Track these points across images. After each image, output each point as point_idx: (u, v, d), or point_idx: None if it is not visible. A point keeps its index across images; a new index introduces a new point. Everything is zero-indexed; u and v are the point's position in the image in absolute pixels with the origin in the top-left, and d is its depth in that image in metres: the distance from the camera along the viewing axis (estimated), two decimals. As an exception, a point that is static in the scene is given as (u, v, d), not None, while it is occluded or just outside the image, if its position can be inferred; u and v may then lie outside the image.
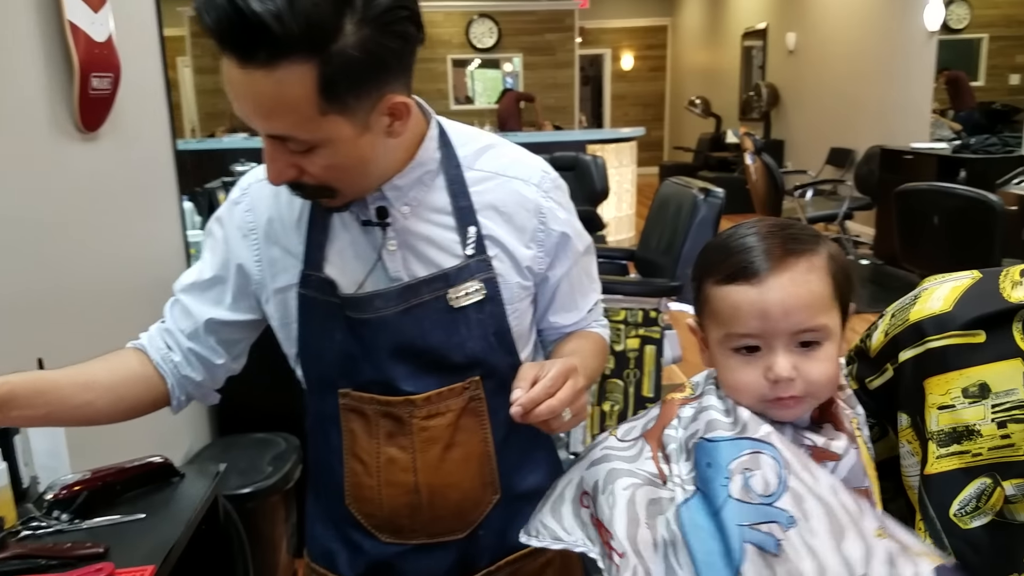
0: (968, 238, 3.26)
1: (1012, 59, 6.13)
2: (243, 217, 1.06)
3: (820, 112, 8.66)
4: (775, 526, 0.71)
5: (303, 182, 0.93)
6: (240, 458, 2.21)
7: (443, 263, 1.02)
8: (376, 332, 1.01)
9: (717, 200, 2.48)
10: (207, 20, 0.78)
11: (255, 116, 0.85)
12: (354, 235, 1.03)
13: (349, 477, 1.07)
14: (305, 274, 1.03)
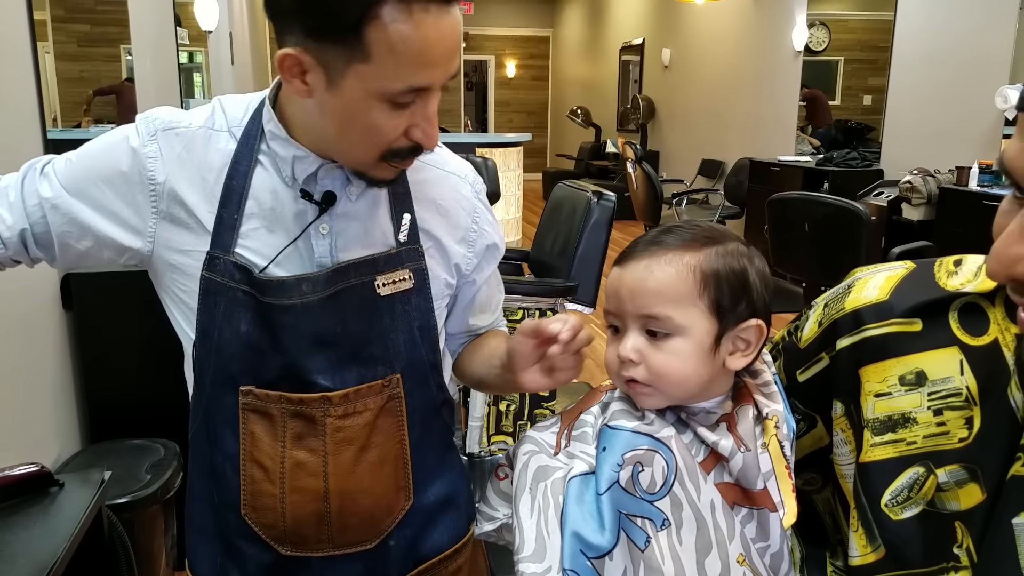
0: (836, 244, 3.47)
1: (865, 81, 6.56)
2: (143, 162, 0.94)
3: (693, 125, 9.03)
4: (649, 523, 0.74)
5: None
6: (115, 466, 2.06)
7: (373, 249, 0.97)
8: (296, 320, 0.93)
9: (609, 203, 2.53)
10: None
11: (452, 56, 0.85)
12: (283, 208, 0.94)
13: (247, 485, 0.98)
14: (212, 256, 0.93)
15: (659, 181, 6.22)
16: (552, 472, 0.81)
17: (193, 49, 6.26)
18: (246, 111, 0.96)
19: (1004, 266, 0.56)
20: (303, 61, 0.83)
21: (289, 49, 0.82)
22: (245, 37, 8.46)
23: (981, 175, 4.46)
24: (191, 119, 0.96)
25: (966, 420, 0.67)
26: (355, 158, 0.91)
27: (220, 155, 0.94)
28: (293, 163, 0.93)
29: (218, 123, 0.96)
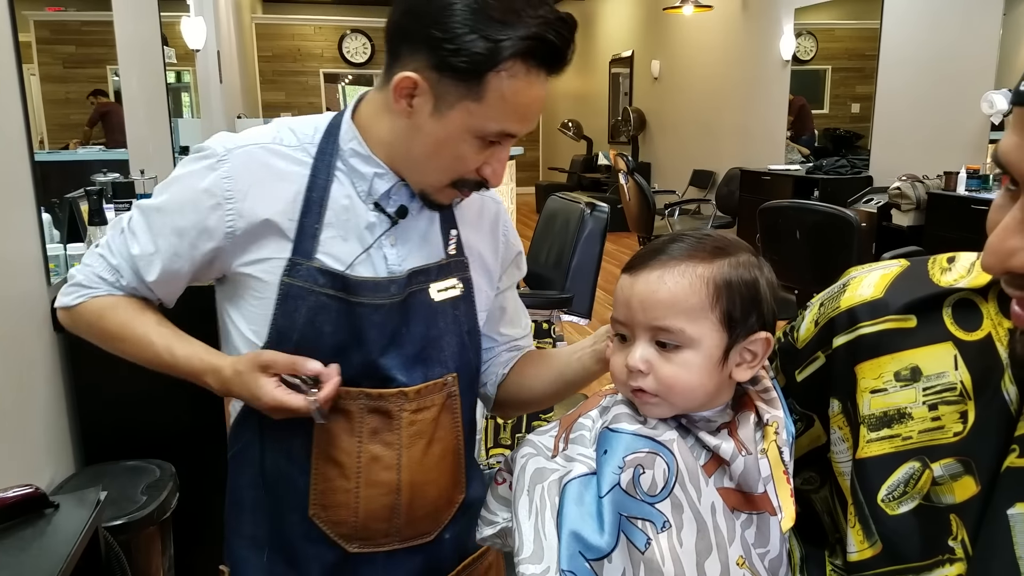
0: (828, 251, 3.49)
1: (853, 89, 6.60)
2: (218, 183, 1.00)
3: (683, 136, 9.07)
4: (649, 525, 0.74)
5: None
6: (111, 487, 2.03)
7: (428, 260, 1.06)
8: (383, 319, 1.01)
9: (603, 215, 2.54)
10: (554, 40, 0.92)
11: (537, 116, 0.99)
12: (356, 219, 1.03)
13: (319, 483, 1.04)
14: (293, 262, 1.00)
15: (651, 192, 6.24)
16: (549, 474, 0.81)
17: (181, 68, 6.27)
18: (315, 130, 1.04)
19: (999, 260, 0.56)
20: (418, 85, 0.94)
21: (409, 73, 0.93)
22: (233, 56, 8.49)
23: (969, 180, 4.50)
24: (258, 137, 1.03)
25: (960, 414, 0.68)
26: (429, 180, 1.01)
27: (297, 169, 1.02)
28: (372, 180, 1.03)
29: (287, 140, 1.03)
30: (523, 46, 0.90)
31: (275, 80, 11.23)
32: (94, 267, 1.06)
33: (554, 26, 0.91)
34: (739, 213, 7.02)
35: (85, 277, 1.06)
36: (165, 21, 4.42)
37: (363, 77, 11.53)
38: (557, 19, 0.92)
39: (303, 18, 11.30)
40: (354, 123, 1.04)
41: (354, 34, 11.25)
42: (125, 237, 1.05)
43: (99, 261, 1.06)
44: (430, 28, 0.91)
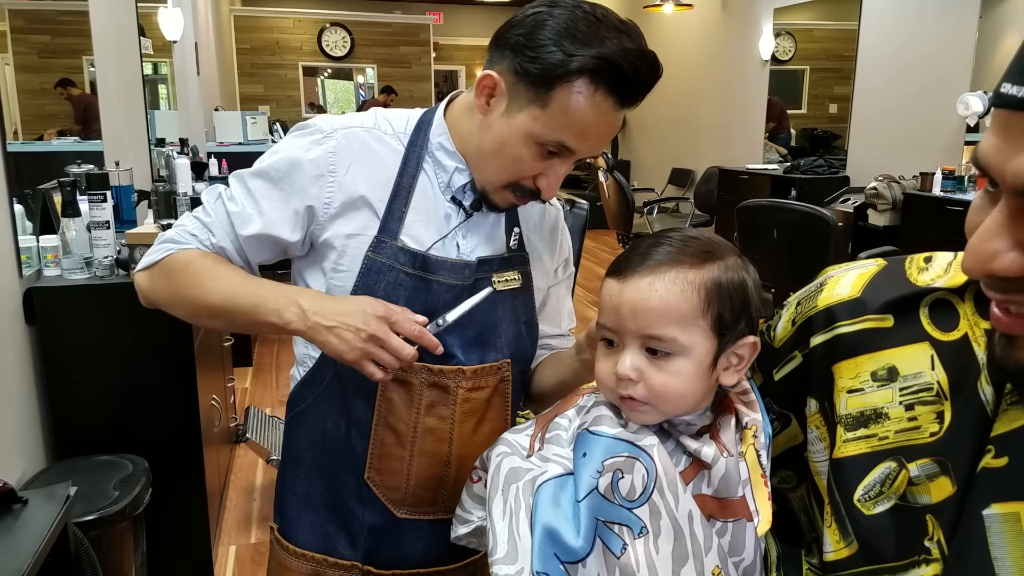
0: (805, 250, 3.52)
1: (831, 89, 6.66)
2: (324, 157, 1.07)
3: (663, 135, 9.11)
4: (626, 530, 0.74)
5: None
6: (83, 482, 2.01)
7: (493, 251, 1.14)
8: (454, 298, 1.07)
9: (582, 211, 2.53)
10: (625, 68, 0.95)
11: (603, 143, 1.03)
12: (436, 208, 1.11)
13: (376, 448, 1.11)
14: (379, 240, 1.07)
15: (631, 190, 6.26)
16: (524, 474, 0.80)
17: (158, 60, 6.20)
18: (407, 122, 1.13)
19: (980, 262, 0.56)
20: (497, 85, 1.02)
21: (493, 72, 1.02)
22: (211, 48, 8.40)
23: (944, 181, 4.55)
24: (361, 121, 1.11)
25: (937, 414, 0.68)
26: (488, 177, 1.07)
27: (391, 155, 1.10)
28: (453, 173, 1.11)
29: (384, 127, 1.11)
30: (592, 64, 0.94)
31: (253, 73, 11.13)
32: (187, 226, 1.10)
33: (631, 55, 0.95)
34: (717, 212, 7.06)
35: (176, 234, 1.10)
36: (142, 12, 4.36)
37: (342, 71, 11.46)
38: (637, 50, 0.96)
39: (282, 11, 11.21)
40: (447, 120, 1.12)
41: (334, 27, 11.17)
42: (222, 200, 1.10)
43: (192, 221, 1.11)
44: (520, 36, 0.99)
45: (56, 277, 2.27)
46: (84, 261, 2.29)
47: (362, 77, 11.40)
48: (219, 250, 1.10)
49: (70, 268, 2.26)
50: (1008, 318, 0.57)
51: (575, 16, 0.97)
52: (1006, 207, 0.54)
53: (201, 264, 1.07)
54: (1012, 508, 0.61)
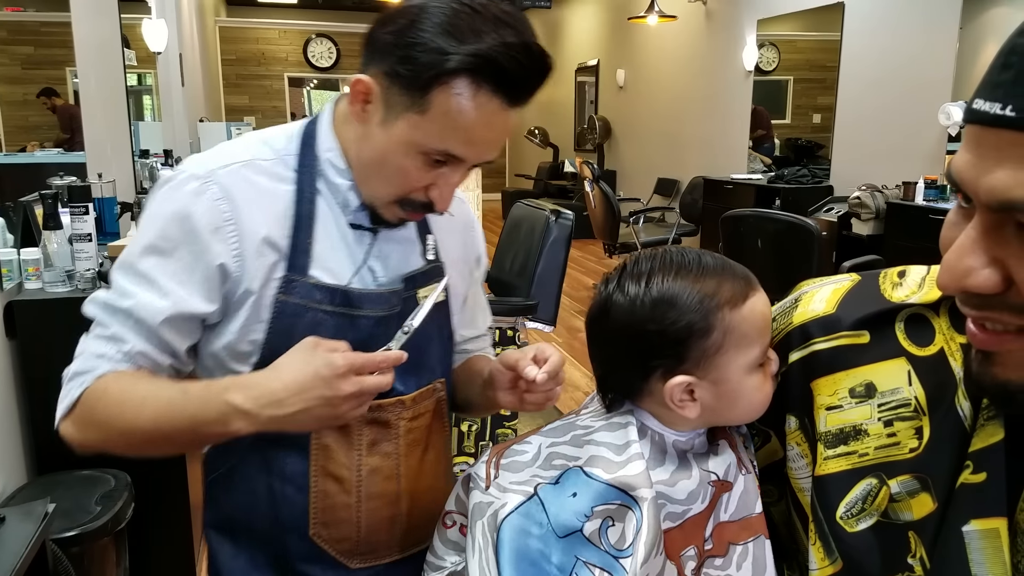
0: (789, 259, 3.54)
1: (814, 99, 6.70)
2: (213, 206, 0.93)
3: (648, 145, 9.14)
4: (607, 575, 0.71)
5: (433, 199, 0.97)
6: (64, 498, 1.99)
7: (411, 267, 1.05)
8: (385, 330, 0.98)
9: (567, 222, 2.54)
10: (506, 65, 0.86)
11: (494, 148, 0.94)
12: (339, 236, 1.00)
13: (318, 501, 1.00)
14: (288, 279, 0.96)
15: (616, 200, 6.28)
16: (486, 508, 0.77)
17: (142, 71, 6.18)
18: (288, 139, 1.01)
19: (955, 279, 0.55)
20: (372, 91, 0.91)
21: (365, 76, 0.91)
22: (196, 59, 8.38)
23: (927, 190, 4.59)
24: (234, 155, 0.97)
25: (916, 430, 0.68)
26: (374, 192, 0.97)
27: (280, 183, 0.98)
28: (346, 193, 0.99)
29: (262, 154, 0.99)
30: (470, 63, 0.85)
31: (239, 84, 11.11)
32: (89, 350, 0.95)
33: (513, 51, 0.86)
34: (702, 221, 7.09)
35: (81, 365, 0.95)
36: (126, 23, 4.34)
37: (328, 81, 11.46)
38: (521, 44, 0.86)
39: (267, 22, 11.20)
40: (334, 130, 1.01)
41: (319, 38, 11.18)
42: (113, 303, 0.94)
43: (93, 342, 0.95)
44: (390, 34, 0.89)
45: (37, 290, 2.25)
46: (66, 274, 2.27)
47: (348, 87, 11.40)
48: (137, 358, 0.94)
49: (52, 281, 2.24)
50: (984, 334, 0.57)
51: (449, 10, 0.86)
52: (980, 223, 0.54)
53: (118, 389, 0.92)
54: (991, 524, 0.61)
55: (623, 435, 0.77)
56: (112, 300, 0.94)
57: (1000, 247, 0.53)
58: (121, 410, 0.90)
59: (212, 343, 0.98)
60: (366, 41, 0.93)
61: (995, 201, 0.51)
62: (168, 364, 0.97)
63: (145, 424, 0.90)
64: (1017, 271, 0.53)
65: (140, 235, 0.95)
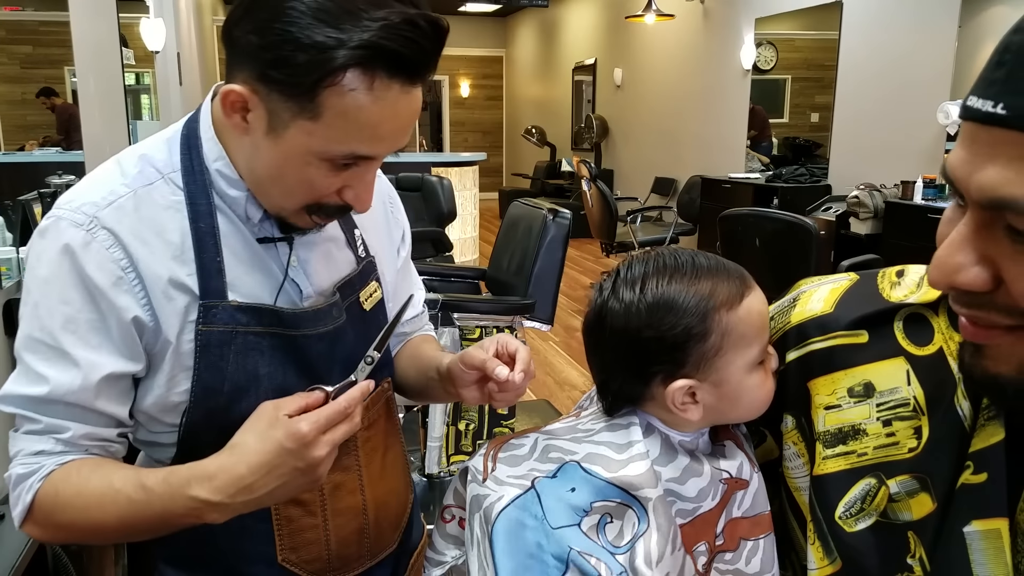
0: (787, 258, 3.53)
1: (812, 98, 6.70)
2: (107, 256, 0.82)
3: (645, 144, 9.14)
4: (604, 567, 0.71)
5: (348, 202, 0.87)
6: (62, 497, 1.99)
7: (342, 270, 0.97)
8: (329, 347, 0.92)
9: (565, 220, 2.54)
10: (397, 47, 0.76)
11: (405, 134, 0.83)
12: (249, 254, 0.90)
13: (283, 527, 0.95)
14: (206, 306, 0.85)
15: (614, 199, 6.28)
16: (483, 500, 0.77)
17: (140, 70, 6.17)
18: (169, 151, 0.89)
19: (944, 275, 0.56)
20: (248, 100, 0.80)
21: (236, 86, 0.79)
22: (194, 57, 8.37)
23: (925, 189, 4.59)
24: (113, 190, 0.85)
25: (915, 430, 0.68)
26: (278, 204, 0.87)
27: (170, 207, 0.86)
28: (245, 204, 0.89)
29: (146, 176, 0.87)
30: (357, 56, 0.74)
31: (237, 83, 11.08)
32: (23, 449, 0.84)
33: (399, 30, 0.75)
34: (700, 220, 7.09)
35: (21, 468, 0.84)
36: (124, 22, 4.34)
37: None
38: (404, 21, 0.75)
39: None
40: (217, 136, 0.88)
41: (318, 38, 11.17)
42: (28, 390, 0.83)
43: (24, 440, 0.84)
44: (251, 33, 0.77)
45: (35, 289, 2.24)
46: (64, 273, 2.26)
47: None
48: (80, 442, 0.84)
49: (50, 280, 2.24)
50: (974, 328, 0.58)
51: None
52: (971, 220, 0.54)
53: (71, 491, 0.82)
54: (992, 525, 0.61)
55: (625, 435, 0.77)
56: (27, 391, 0.83)
57: (990, 245, 0.54)
58: (82, 512, 0.83)
59: (139, 401, 0.88)
60: (225, 42, 0.81)
61: (985, 198, 0.52)
62: (115, 435, 0.88)
63: (112, 523, 0.82)
64: (1006, 270, 0.53)
65: (34, 305, 0.83)
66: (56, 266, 0.82)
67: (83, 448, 0.85)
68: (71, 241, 0.82)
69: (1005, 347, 0.57)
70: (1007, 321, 0.55)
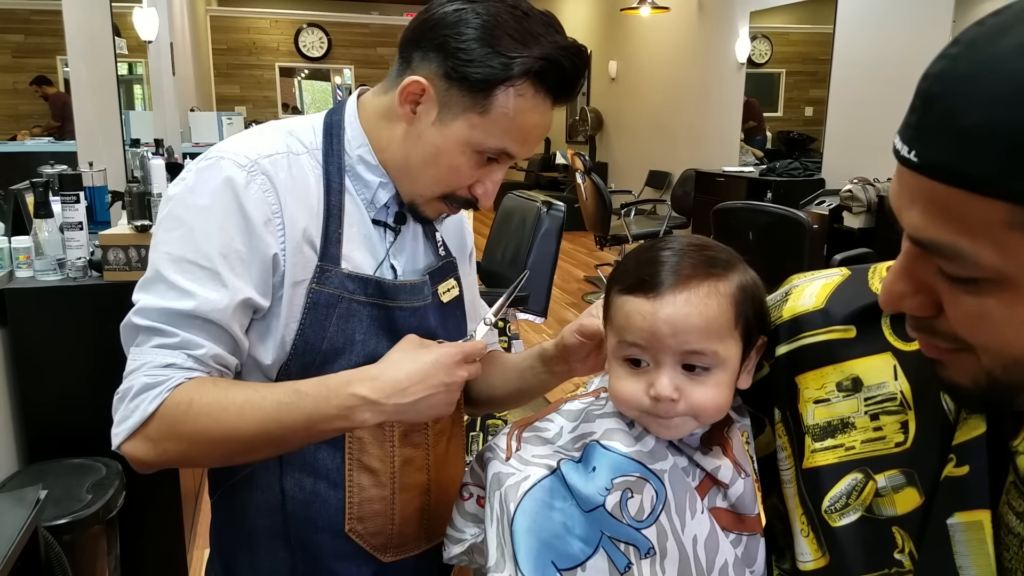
0: (780, 252, 3.55)
1: (807, 92, 6.71)
2: (262, 198, 0.92)
3: (640, 137, 9.14)
4: (632, 549, 0.73)
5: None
6: (55, 486, 1.99)
7: (427, 263, 1.07)
8: (419, 321, 1.01)
9: (559, 213, 2.55)
10: (567, 67, 0.92)
11: (539, 142, 0.98)
12: (362, 233, 1.00)
13: (354, 495, 1.00)
14: (322, 268, 0.95)
15: (608, 192, 6.28)
16: (505, 479, 0.79)
17: (133, 60, 6.14)
18: (314, 133, 1.01)
19: (889, 302, 0.58)
20: (426, 91, 0.93)
21: (419, 77, 0.92)
22: (187, 48, 8.33)
23: (917, 184, 4.60)
24: (274, 146, 0.96)
25: (901, 424, 0.68)
26: (420, 189, 0.99)
27: (312, 176, 0.97)
28: (376, 190, 1.01)
29: (295, 148, 0.98)
30: (537, 66, 0.90)
31: (230, 73, 11.05)
32: (150, 362, 0.88)
33: (569, 53, 0.92)
34: (694, 214, 7.10)
35: (146, 378, 0.87)
36: (117, 11, 4.32)
37: (319, 71, 11.41)
38: (573, 47, 0.93)
39: (259, 11, 11.14)
40: (361, 126, 1.01)
41: (310, 28, 11.12)
42: (172, 304, 0.88)
43: (151, 353, 0.88)
44: (446, 36, 0.91)
45: (28, 278, 2.24)
46: (57, 262, 2.26)
47: (339, 78, 11.36)
48: (211, 362, 0.90)
49: (43, 269, 2.24)
50: (926, 346, 0.60)
51: (500, 11, 0.91)
52: (909, 251, 0.55)
53: (207, 398, 0.87)
54: (975, 516, 0.61)
55: None
56: (170, 304, 0.88)
57: (928, 276, 0.55)
58: (216, 419, 0.86)
59: (250, 346, 0.95)
60: (413, 41, 0.95)
61: (912, 237, 0.53)
62: (235, 365, 0.94)
63: (249, 429, 0.86)
64: (944, 301, 0.54)
65: (190, 229, 0.90)
66: (218, 197, 0.91)
67: (210, 369, 0.90)
68: (234, 176, 0.91)
69: (956, 364, 0.58)
70: (949, 345, 0.57)
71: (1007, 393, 0.56)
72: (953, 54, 0.49)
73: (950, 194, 0.48)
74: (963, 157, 0.47)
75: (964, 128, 0.47)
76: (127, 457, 0.89)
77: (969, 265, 0.50)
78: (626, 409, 0.77)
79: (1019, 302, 0.50)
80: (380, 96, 1.00)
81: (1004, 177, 0.46)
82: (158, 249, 0.91)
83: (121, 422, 0.87)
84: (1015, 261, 0.48)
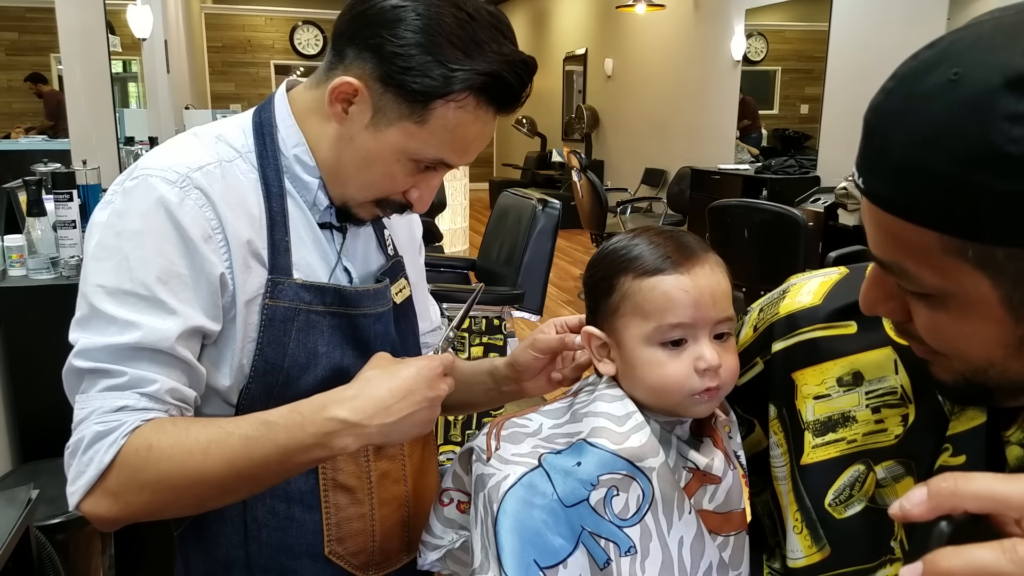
0: (775, 250, 3.55)
1: (802, 90, 6.71)
2: (199, 214, 0.84)
3: (636, 134, 9.14)
4: (613, 546, 0.72)
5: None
6: (48, 486, 1.97)
7: (377, 264, 1.03)
8: (384, 327, 0.97)
9: (554, 211, 2.54)
10: (512, 82, 0.86)
11: (477, 152, 0.93)
12: (311, 237, 0.95)
13: (331, 515, 0.95)
14: (273, 281, 0.88)
15: (604, 190, 6.28)
16: (488, 480, 0.78)
17: (127, 58, 6.12)
18: (244, 134, 0.94)
19: (867, 306, 0.61)
20: (359, 93, 0.86)
21: (351, 78, 0.86)
22: (181, 45, 8.31)
23: (912, 181, 4.60)
24: (203, 156, 0.89)
25: (902, 417, 0.69)
26: (351, 193, 0.94)
27: (249, 182, 0.91)
28: (316, 190, 0.94)
29: (225, 154, 0.91)
30: (479, 81, 0.84)
31: (225, 71, 11.03)
32: (99, 407, 0.80)
33: (515, 67, 0.86)
34: (689, 211, 7.10)
35: (98, 426, 0.79)
36: (110, 9, 4.30)
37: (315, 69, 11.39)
38: (520, 61, 0.87)
39: (254, 9, 11.12)
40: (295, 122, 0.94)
41: (306, 25, 11.11)
42: (114, 340, 0.81)
43: (101, 397, 0.81)
44: (383, 37, 0.84)
45: (22, 277, 2.23)
46: (50, 261, 2.25)
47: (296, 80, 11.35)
48: (167, 397, 0.82)
49: (36, 268, 2.23)
50: (911, 345, 0.62)
51: (443, 13, 0.84)
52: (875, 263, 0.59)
53: (167, 440, 0.79)
54: None
55: (622, 407, 0.78)
56: (113, 340, 0.80)
57: (893, 286, 0.58)
58: (180, 462, 0.78)
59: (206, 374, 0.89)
60: (346, 36, 0.87)
61: (872, 255, 0.57)
62: (195, 398, 0.86)
63: (218, 470, 0.79)
64: (911, 310, 0.58)
65: (123, 257, 0.82)
66: (150, 219, 0.83)
67: (167, 407, 0.82)
68: (165, 194, 0.83)
69: (938, 363, 0.61)
70: (926, 347, 0.59)
71: (986, 392, 0.59)
72: (888, 88, 0.55)
73: (892, 221, 0.53)
74: (897, 188, 0.51)
75: (895, 163, 0.51)
76: (88, 517, 0.81)
77: (916, 284, 0.54)
78: (674, 395, 0.77)
79: (964, 317, 0.54)
80: (312, 90, 0.93)
81: (933, 210, 0.50)
82: (89, 282, 0.83)
83: (76, 479, 0.79)
84: (952, 282, 0.52)
